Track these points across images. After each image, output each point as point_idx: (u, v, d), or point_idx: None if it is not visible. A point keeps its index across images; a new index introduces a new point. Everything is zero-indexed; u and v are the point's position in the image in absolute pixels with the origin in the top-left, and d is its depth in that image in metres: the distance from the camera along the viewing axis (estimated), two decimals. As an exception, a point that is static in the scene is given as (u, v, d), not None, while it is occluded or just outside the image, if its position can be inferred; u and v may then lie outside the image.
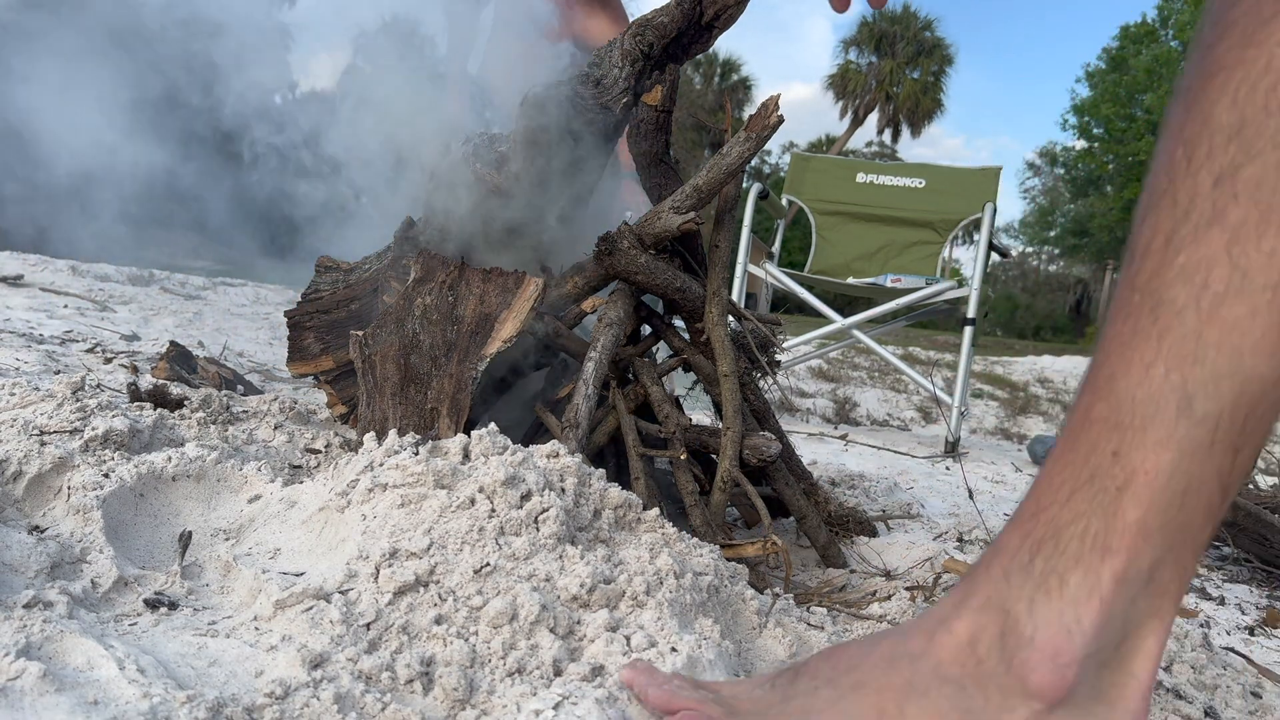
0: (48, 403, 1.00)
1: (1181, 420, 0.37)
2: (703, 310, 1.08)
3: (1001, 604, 0.39)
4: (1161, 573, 0.38)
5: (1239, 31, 0.38)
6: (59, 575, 0.68)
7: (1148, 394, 0.38)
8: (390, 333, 1.03)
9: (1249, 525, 1.45)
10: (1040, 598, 0.38)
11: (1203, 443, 0.37)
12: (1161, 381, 0.38)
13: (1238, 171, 0.37)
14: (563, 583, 0.67)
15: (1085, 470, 0.39)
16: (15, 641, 0.54)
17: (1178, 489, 0.37)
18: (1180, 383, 0.37)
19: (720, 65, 28.11)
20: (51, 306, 2.77)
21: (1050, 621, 0.38)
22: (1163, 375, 0.38)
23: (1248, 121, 0.37)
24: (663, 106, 1.04)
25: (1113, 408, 0.39)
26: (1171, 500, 0.37)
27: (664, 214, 1.03)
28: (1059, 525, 0.39)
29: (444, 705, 0.57)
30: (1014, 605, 0.39)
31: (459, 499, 0.72)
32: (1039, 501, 0.41)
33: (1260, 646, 1.05)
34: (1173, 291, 0.38)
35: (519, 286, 1.03)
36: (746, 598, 0.78)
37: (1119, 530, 0.38)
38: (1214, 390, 0.37)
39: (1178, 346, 0.37)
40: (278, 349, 2.77)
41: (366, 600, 0.63)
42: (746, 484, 0.98)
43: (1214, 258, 0.37)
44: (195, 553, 0.79)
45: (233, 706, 0.51)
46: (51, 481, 0.82)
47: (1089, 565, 0.38)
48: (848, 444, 2.54)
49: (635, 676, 0.56)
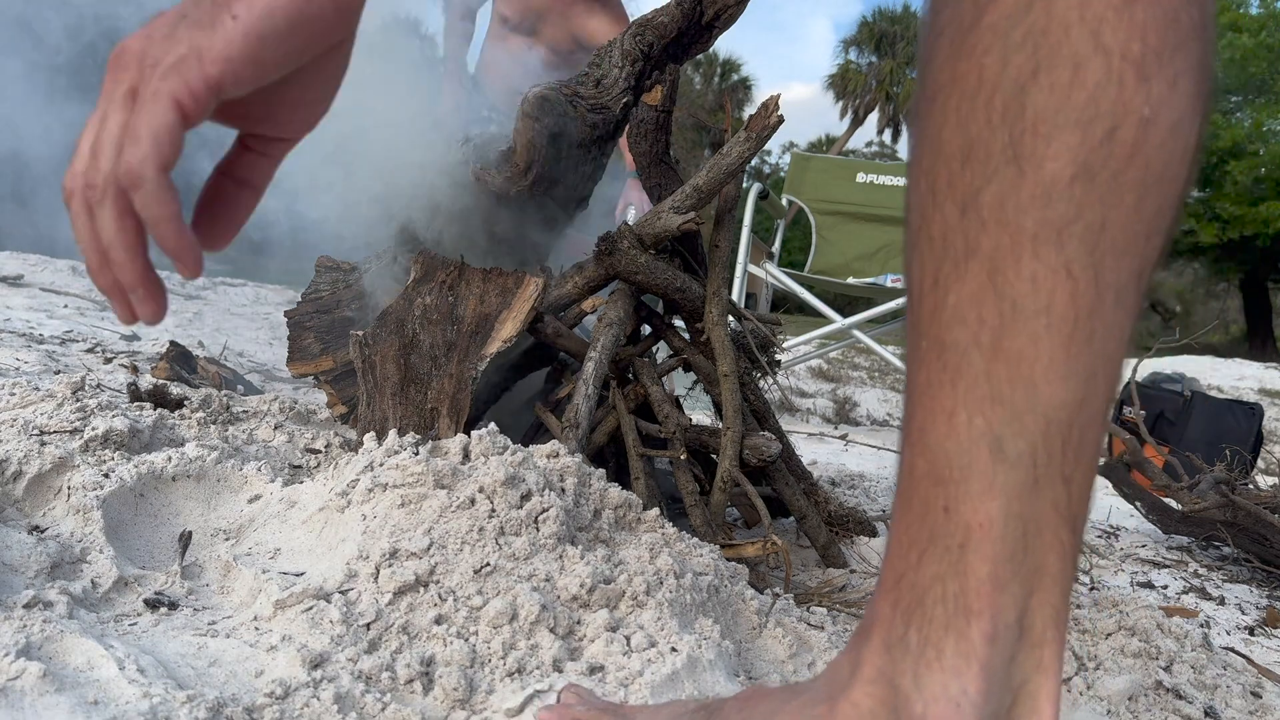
0: (48, 403, 1.00)
1: (998, 465, 0.35)
2: (703, 310, 1.08)
3: (889, 678, 0.38)
4: (1032, 621, 0.37)
5: (947, 43, 0.36)
6: (59, 575, 0.68)
7: (957, 444, 0.36)
8: (390, 333, 1.03)
9: (1249, 525, 1.45)
10: (923, 671, 0.37)
11: (1026, 483, 0.35)
12: (966, 429, 0.36)
13: (978, 196, 0.35)
14: (563, 583, 0.67)
15: (925, 530, 0.37)
16: (15, 641, 0.54)
17: (1017, 534, 0.36)
18: (985, 427, 0.35)
19: (720, 65, 28.11)
20: (51, 306, 2.77)
21: (937, 696, 0.36)
22: (966, 422, 0.36)
23: (975, 141, 0.35)
24: (663, 106, 1.04)
25: (930, 462, 0.37)
26: (1015, 548, 0.36)
27: (664, 214, 1.03)
28: (920, 591, 0.37)
29: (444, 705, 0.57)
30: (900, 680, 0.37)
31: (459, 499, 0.72)
32: (895, 566, 0.39)
33: (1260, 646, 1.06)
34: (952, 334, 0.36)
35: (519, 286, 1.03)
36: (747, 598, 0.78)
37: (974, 589, 0.36)
38: (1020, 427, 0.35)
39: (972, 390, 0.35)
40: (278, 349, 2.77)
41: (366, 600, 0.63)
42: (746, 484, 0.98)
43: (980, 292, 0.35)
44: (195, 553, 0.79)
45: (233, 706, 0.51)
46: (51, 481, 0.82)
47: (959, 631, 0.36)
48: (848, 444, 2.54)
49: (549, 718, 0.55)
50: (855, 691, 0.39)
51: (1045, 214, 0.34)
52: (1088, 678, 0.82)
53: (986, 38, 0.35)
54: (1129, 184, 0.34)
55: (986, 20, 0.35)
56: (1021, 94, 0.34)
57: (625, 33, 1.05)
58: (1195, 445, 2.27)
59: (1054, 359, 0.35)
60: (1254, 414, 2.43)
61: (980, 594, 0.36)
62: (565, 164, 1.10)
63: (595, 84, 1.06)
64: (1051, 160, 0.34)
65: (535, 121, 1.02)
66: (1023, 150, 0.34)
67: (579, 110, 1.05)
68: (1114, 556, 1.46)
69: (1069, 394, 0.35)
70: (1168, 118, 0.33)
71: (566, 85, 1.05)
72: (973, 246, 0.35)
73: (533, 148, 1.04)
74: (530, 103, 1.01)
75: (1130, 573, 1.35)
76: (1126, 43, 0.33)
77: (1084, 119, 0.33)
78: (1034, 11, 0.34)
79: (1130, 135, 0.33)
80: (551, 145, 1.05)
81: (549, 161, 1.07)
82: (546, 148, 1.05)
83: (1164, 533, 1.64)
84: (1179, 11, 0.33)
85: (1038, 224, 0.34)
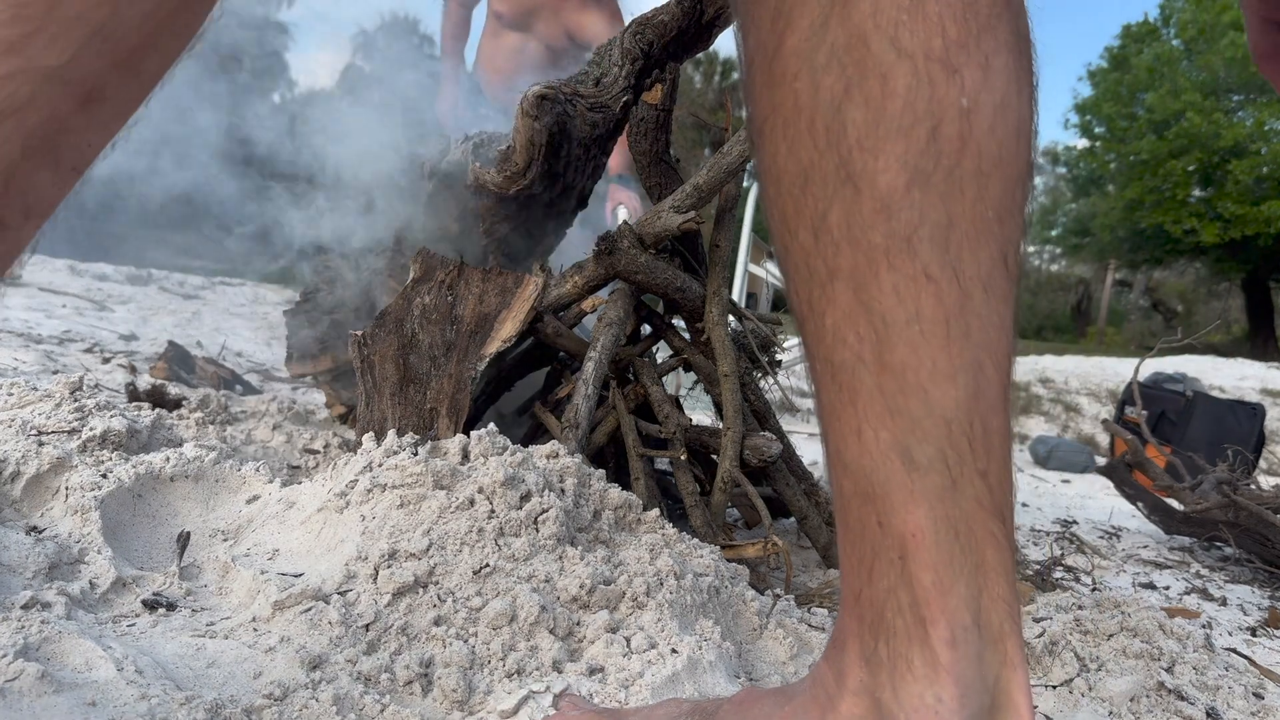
0: (46, 403, 1.00)
1: (913, 474, 0.36)
2: (703, 310, 1.07)
3: (870, 691, 0.38)
4: (988, 619, 0.37)
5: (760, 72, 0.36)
6: (57, 576, 0.68)
7: (871, 461, 0.36)
8: (389, 332, 1.03)
9: (1251, 526, 1.44)
10: (899, 683, 0.37)
11: (944, 485, 0.36)
12: (875, 444, 0.36)
13: (825, 219, 0.35)
14: (562, 584, 0.67)
15: (868, 547, 0.38)
16: (13, 642, 0.53)
17: (949, 537, 0.36)
18: (891, 440, 0.36)
19: (721, 64, 28.11)
20: (50, 306, 2.77)
21: (916, 707, 0.37)
22: (874, 438, 0.36)
23: (809, 167, 0.35)
24: (663, 105, 1.04)
25: (854, 480, 0.38)
26: (951, 550, 0.36)
27: (664, 213, 1.03)
28: (878, 605, 0.38)
29: (443, 706, 0.57)
30: (880, 693, 0.38)
31: (458, 500, 0.72)
32: (852, 584, 0.39)
33: (1262, 647, 1.05)
34: (838, 354, 0.36)
35: (518, 286, 1.02)
36: (747, 599, 0.78)
37: (924, 598, 0.36)
38: (923, 434, 0.35)
39: (870, 406, 0.36)
40: (276, 349, 2.77)
41: (365, 601, 0.63)
42: (747, 484, 0.98)
43: (852, 311, 0.35)
44: (193, 553, 0.78)
45: (231, 708, 0.51)
46: (49, 482, 0.81)
47: (921, 640, 0.37)
48: (848, 444, 2.53)
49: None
50: (843, 702, 0.40)
51: (891, 225, 0.34)
52: (1090, 679, 0.82)
53: (793, 63, 0.35)
54: (966, 176, 0.34)
55: (788, 45, 0.35)
56: (839, 113, 0.34)
57: (625, 31, 1.05)
58: (1197, 445, 2.27)
59: (936, 362, 0.35)
60: (1256, 414, 2.43)
61: (930, 602, 0.36)
62: (565, 163, 1.10)
63: (595, 83, 1.05)
64: (883, 173, 0.34)
65: (535, 120, 1.02)
66: (854, 168, 0.34)
67: (579, 109, 1.05)
68: (1116, 557, 1.45)
69: (960, 391, 0.35)
70: (989, 101, 0.33)
71: (566, 84, 1.05)
72: (833, 268, 0.36)
73: (532, 146, 1.04)
74: (530, 101, 1.01)
75: (1132, 574, 1.35)
76: (927, 41, 0.33)
77: (904, 125, 0.33)
78: (830, 29, 0.34)
79: (954, 129, 0.33)
80: (551, 144, 1.05)
81: (549, 160, 1.06)
82: (546, 146, 1.04)
83: (1166, 533, 1.64)
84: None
85: (886, 237, 0.34)
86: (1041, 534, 1.51)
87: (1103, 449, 3.25)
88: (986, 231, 0.35)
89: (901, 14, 0.33)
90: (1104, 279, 21.92)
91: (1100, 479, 2.45)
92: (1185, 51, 16.68)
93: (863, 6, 0.33)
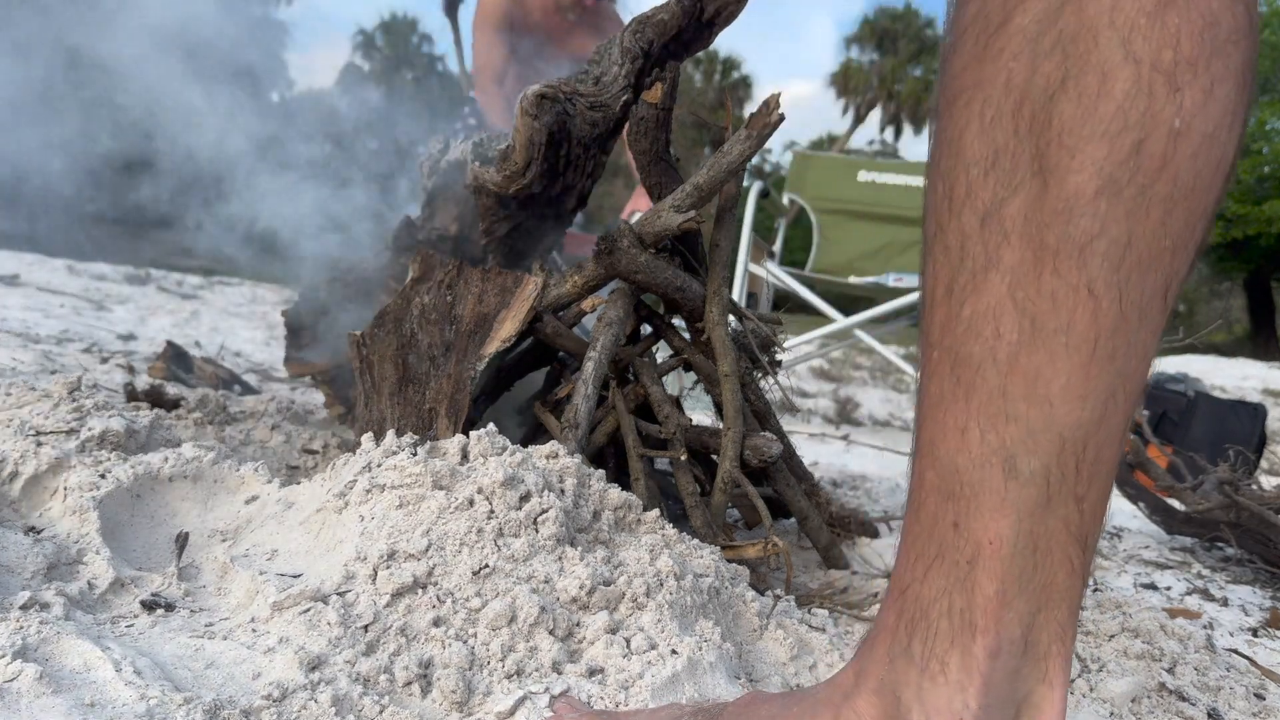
0: (44, 403, 1.00)
1: (1010, 483, 0.35)
2: (703, 310, 1.07)
3: (893, 688, 0.38)
4: (1038, 637, 0.36)
5: (971, 43, 0.35)
6: (55, 576, 0.68)
7: (969, 460, 0.35)
8: (388, 333, 1.03)
9: (1252, 526, 1.44)
10: (926, 683, 0.37)
11: (1038, 501, 0.35)
12: (979, 445, 0.35)
13: (1002, 208, 0.34)
14: (562, 584, 0.67)
15: (933, 544, 0.37)
16: (12, 643, 0.53)
17: (1027, 552, 0.35)
18: (998, 444, 0.35)
19: (721, 63, 28.10)
20: (48, 306, 2.77)
21: (940, 710, 0.36)
22: (979, 438, 0.35)
23: (1000, 151, 0.34)
24: (663, 104, 1.04)
25: (941, 476, 0.36)
26: (1024, 566, 0.35)
27: (664, 212, 1.02)
28: (924, 604, 0.37)
29: (442, 707, 0.56)
30: (903, 691, 0.37)
31: (457, 500, 0.71)
32: (902, 578, 0.39)
33: (1264, 648, 1.05)
34: (967, 347, 0.35)
35: (517, 286, 1.02)
36: (747, 599, 0.78)
37: (980, 606, 0.36)
38: (1034, 446, 0.34)
39: (986, 405, 0.35)
40: (275, 349, 2.77)
41: (364, 602, 0.63)
42: (747, 485, 0.98)
43: (999, 306, 0.34)
44: (192, 554, 0.78)
45: (230, 709, 0.50)
46: (48, 482, 0.81)
47: (963, 645, 0.36)
48: (849, 444, 2.53)
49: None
50: (859, 700, 0.39)
51: (1068, 229, 0.33)
52: (1091, 679, 0.82)
53: (1015, 41, 0.33)
54: (1156, 198, 0.32)
55: (1015, 23, 0.33)
56: (1050, 102, 0.33)
57: (625, 30, 1.04)
58: (1199, 445, 2.27)
59: (1072, 379, 0.34)
60: (1258, 414, 2.42)
61: (986, 611, 0.36)
62: (565, 162, 1.10)
63: (595, 81, 1.05)
64: (1076, 173, 0.32)
65: (534, 119, 1.01)
66: (1048, 162, 0.33)
67: (579, 108, 1.05)
68: (1117, 558, 1.45)
69: (1086, 414, 0.34)
70: (1201, 128, 0.32)
71: (566, 83, 1.05)
72: (992, 259, 0.34)
73: (532, 146, 1.04)
74: (529, 100, 1.00)
75: (1133, 574, 1.35)
76: (1158, 51, 0.31)
77: (1111, 131, 0.32)
78: (1064, 16, 0.32)
79: (1159, 148, 0.32)
80: (551, 143, 1.05)
81: (548, 159, 1.06)
82: (545, 146, 1.04)
83: (1167, 534, 1.64)
84: (1219, 15, 0.32)
85: (1060, 239, 0.33)
86: (1042, 534, 1.51)
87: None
88: (1159, 259, 0.33)
89: (1140, 17, 0.31)
90: (1104, 279, 21.84)
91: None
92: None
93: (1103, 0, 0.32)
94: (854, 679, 0.40)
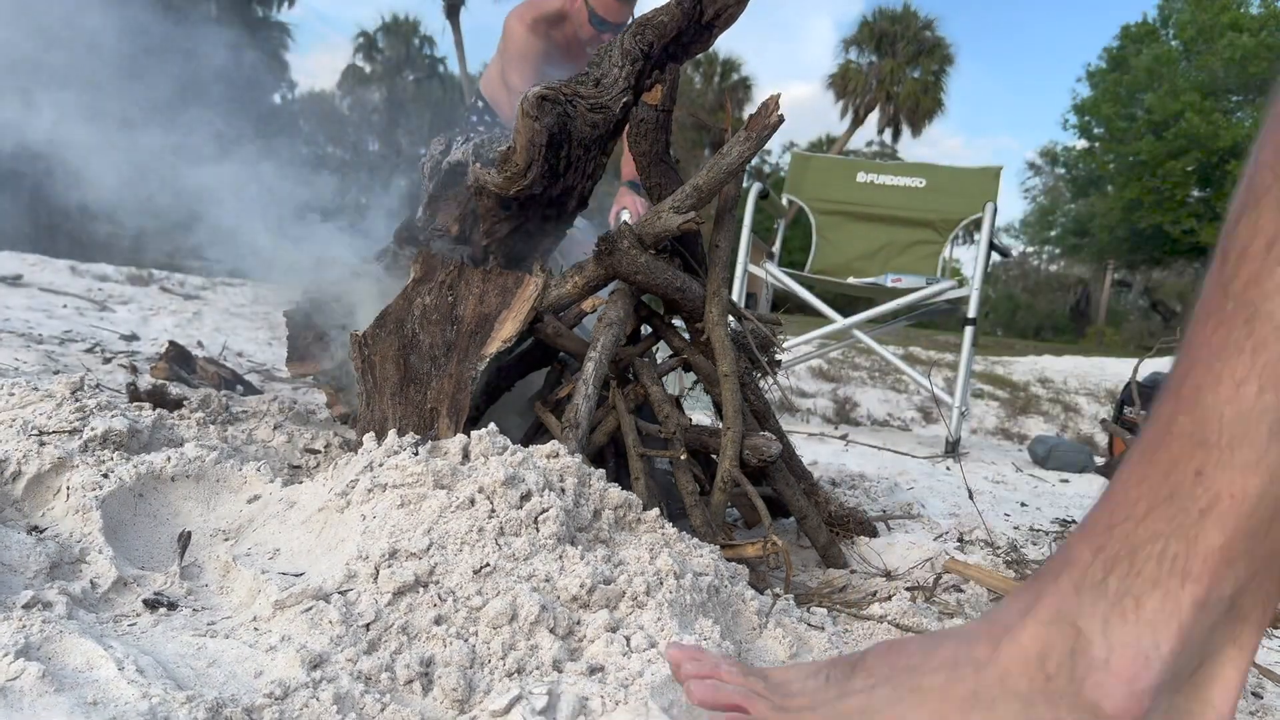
0: (47, 403, 1.00)
1: (1274, 443, 0.34)
2: (703, 310, 1.07)
3: (1072, 620, 0.37)
4: (1244, 600, 0.36)
5: None
6: (58, 575, 0.68)
7: (1237, 412, 0.35)
8: (390, 333, 1.03)
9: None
10: (1115, 619, 0.36)
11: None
12: (1254, 400, 0.34)
13: None
14: (563, 583, 0.67)
15: (1165, 487, 0.36)
16: (15, 642, 0.53)
17: (1265, 515, 0.35)
18: (1275, 403, 0.34)
19: (720, 64, 28.10)
20: (51, 306, 2.77)
21: (1126, 645, 0.36)
22: (1255, 394, 0.34)
23: None
24: (663, 106, 1.04)
25: (1198, 423, 0.36)
26: (1258, 527, 0.35)
27: (664, 214, 1.03)
28: (1135, 543, 0.37)
29: (443, 706, 0.57)
30: (1086, 623, 0.37)
31: (459, 499, 0.72)
32: (1112, 515, 0.38)
33: (1262, 647, 1.05)
34: (1272, 303, 0.34)
35: (518, 286, 1.03)
36: (747, 598, 0.78)
37: (1200, 555, 0.35)
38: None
39: (1275, 365, 0.34)
40: (277, 349, 2.77)
41: (366, 601, 0.63)
42: (747, 484, 0.98)
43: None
44: (194, 553, 0.78)
45: (232, 707, 0.51)
46: (51, 481, 0.82)
47: (1168, 589, 0.36)
48: (848, 444, 2.54)
49: (680, 656, 0.54)
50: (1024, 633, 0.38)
51: None
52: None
53: None
54: None
55: None
56: None
57: (625, 32, 1.05)
58: (1196, 445, 2.26)
59: None
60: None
61: (1206, 562, 0.35)
62: (566, 163, 1.10)
63: (595, 83, 1.06)
64: None
65: (535, 121, 1.02)
66: None
67: (579, 109, 1.05)
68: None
69: None
70: None
71: (566, 85, 1.05)
72: None
73: (533, 147, 1.04)
74: (530, 102, 1.01)
75: (1131, 573, 1.35)
76: None
77: None
78: None
79: None
80: (552, 145, 1.05)
81: (549, 161, 1.06)
82: (546, 147, 1.05)
83: (1165, 533, 1.64)
84: None
85: None
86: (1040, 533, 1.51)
87: (1101, 449, 3.25)
88: None
89: None
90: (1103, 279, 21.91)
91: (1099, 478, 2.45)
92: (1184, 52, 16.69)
93: None
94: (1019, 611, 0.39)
